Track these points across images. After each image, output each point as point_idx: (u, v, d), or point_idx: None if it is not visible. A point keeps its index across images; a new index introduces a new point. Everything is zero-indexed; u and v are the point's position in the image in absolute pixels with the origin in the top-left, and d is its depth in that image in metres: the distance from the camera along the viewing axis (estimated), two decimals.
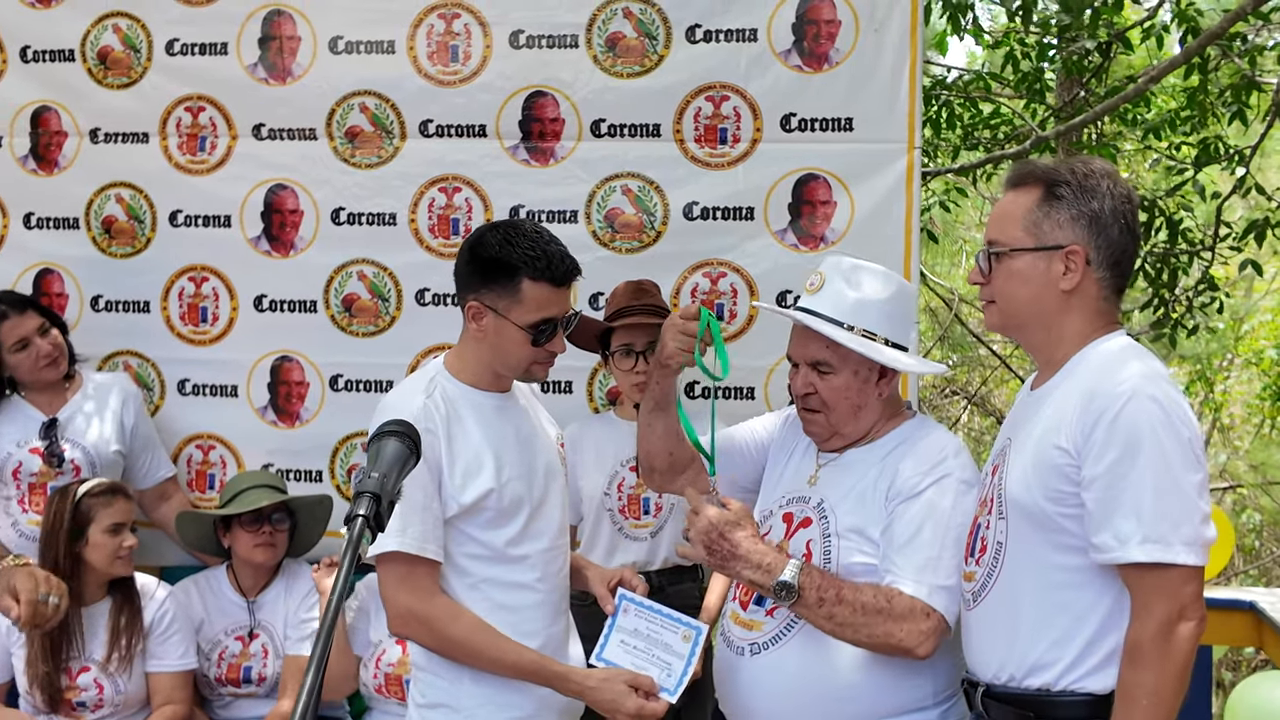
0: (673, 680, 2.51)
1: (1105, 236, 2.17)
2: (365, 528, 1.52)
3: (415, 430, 1.73)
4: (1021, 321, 2.27)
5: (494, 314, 2.48)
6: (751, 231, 3.88)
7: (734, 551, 2.36)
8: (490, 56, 3.96)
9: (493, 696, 2.44)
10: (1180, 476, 2.01)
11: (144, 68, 4.11)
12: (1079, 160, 2.24)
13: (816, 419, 2.50)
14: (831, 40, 3.83)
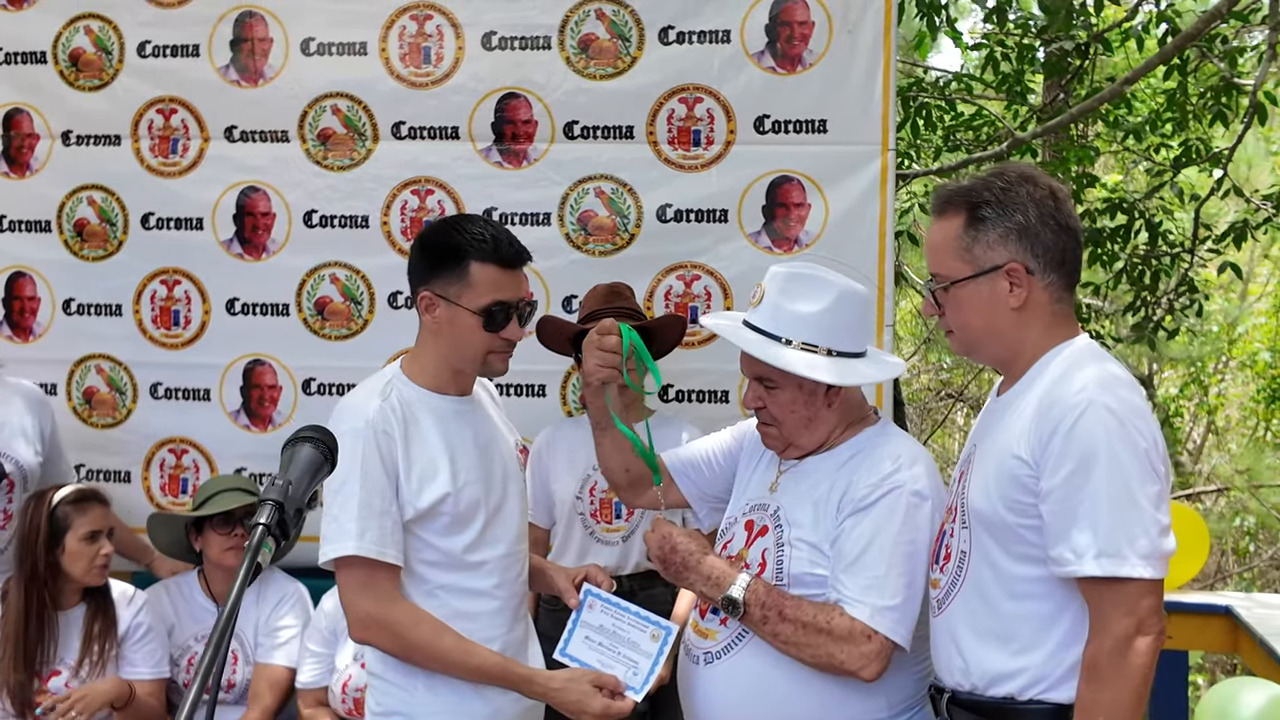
0: (639, 679, 2.49)
1: (1039, 243, 2.14)
2: (265, 536, 1.49)
3: (332, 437, 1.70)
4: (982, 345, 2.26)
5: (446, 302, 2.46)
6: (725, 234, 3.87)
7: (685, 563, 2.38)
8: (463, 58, 3.94)
9: (448, 705, 2.42)
10: (1136, 489, 1.98)
11: (116, 69, 4.10)
12: (995, 172, 2.21)
13: (770, 432, 2.48)
14: (805, 42, 3.82)
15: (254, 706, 3.57)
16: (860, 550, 2.28)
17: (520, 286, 2.52)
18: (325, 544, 2.38)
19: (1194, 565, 4.29)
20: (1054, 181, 2.22)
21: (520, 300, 2.51)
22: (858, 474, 2.34)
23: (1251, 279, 12.93)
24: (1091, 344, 2.20)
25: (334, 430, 2.44)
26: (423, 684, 2.42)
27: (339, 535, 2.35)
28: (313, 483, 1.62)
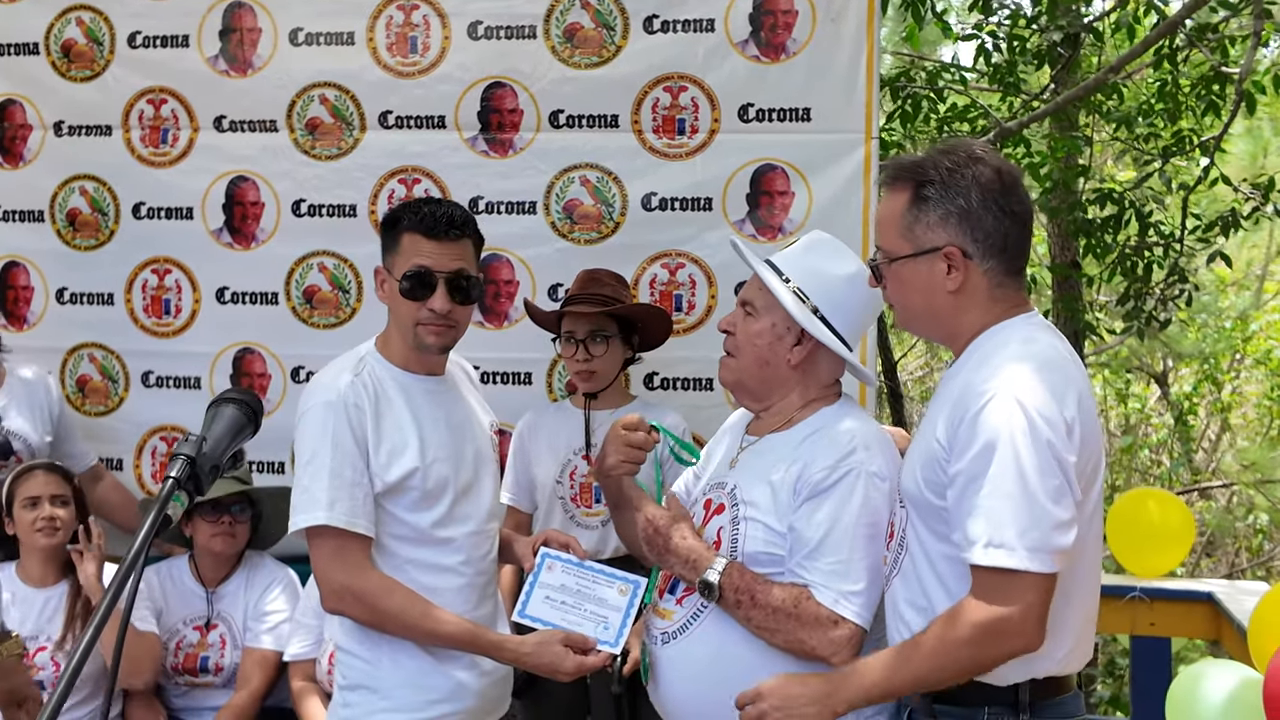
0: (611, 632, 2.50)
1: (980, 229, 2.11)
2: (175, 488, 1.53)
3: (257, 400, 1.74)
4: (920, 324, 2.26)
5: (386, 274, 2.52)
6: (710, 222, 3.89)
7: (667, 546, 2.39)
8: (449, 48, 3.97)
9: (411, 678, 2.45)
10: (1034, 481, 1.96)
11: (106, 60, 4.13)
12: (947, 149, 2.19)
13: (727, 362, 2.50)
14: (789, 30, 3.84)
15: (242, 689, 3.61)
16: (822, 535, 2.29)
17: (448, 257, 2.51)
18: (295, 514, 2.42)
19: (1178, 554, 4.31)
20: (1005, 164, 2.19)
21: (449, 272, 2.50)
22: (815, 454, 2.33)
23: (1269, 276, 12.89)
24: (1027, 323, 2.16)
25: (306, 403, 2.49)
26: (387, 657, 2.46)
27: (310, 505, 2.39)
28: (233, 443, 1.66)
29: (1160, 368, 13.72)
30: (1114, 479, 12.62)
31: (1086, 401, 2.06)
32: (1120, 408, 13.70)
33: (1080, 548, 2.05)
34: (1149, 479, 12.80)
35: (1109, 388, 13.54)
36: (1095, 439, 2.06)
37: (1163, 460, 13.03)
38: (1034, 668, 2.07)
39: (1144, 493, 4.66)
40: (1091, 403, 2.09)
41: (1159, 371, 13.72)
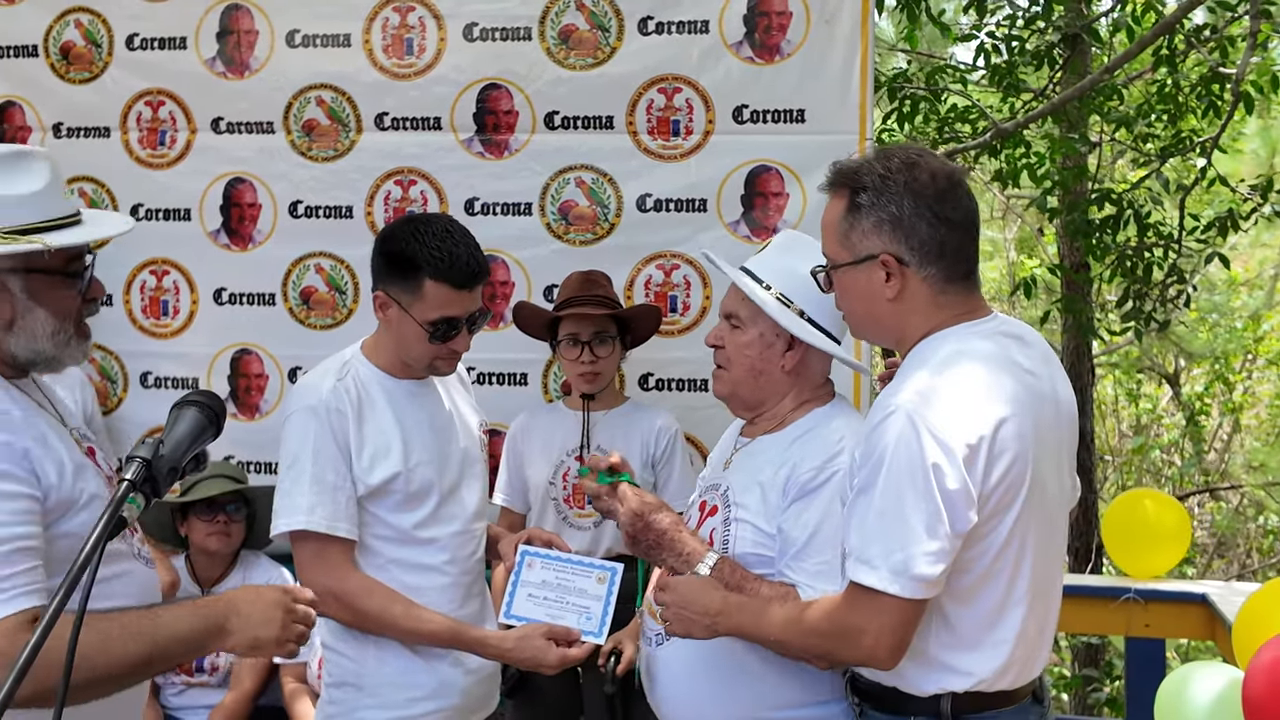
0: (594, 622, 2.52)
1: (914, 236, 2.07)
2: (130, 490, 1.54)
3: (219, 401, 1.75)
4: (867, 330, 2.24)
5: (397, 307, 2.51)
6: (704, 223, 3.89)
7: (659, 540, 2.37)
8: (445, 50, 3.98)
9: (396, 676, 2.47)
10: (909, 505, 1.93)
11: (105, 62, 4.15)
12: (885, 154, 2.14)
13: (720, 375, 2.50)
14: (783, 32, 3.84)
15: (234, 689, 3.63)
16: (809, 536, 2.29)
17: (472, 302, 2.56)
18: (277, 518, 2.44)
19: (1175, 554, 4.29)
20: (945, 167, 2.14)
21: (471, 314, 2.55)
22: (804, 455, 2.34)
23: None
24: (968, 331, 2.10)
25: (289, 408, 2.50)
26: (372, 655, 2.47)
27: (290, 510, 2.41)
28: (193, 445, 1.66)
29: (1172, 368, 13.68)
30: (1124, 480, 12.60)
31: (1015, 414, 1.98)
32: (1131, 408, 13.68)
33: (1008, 564, 2.02)
34: (1160, 480, 12.78)
35: (1120, 388, 13.52)
36: (1023, 452, 1.98)
37: (1174, 461, 13.00)
38: (948, 682, 2.06)
39: (1140, 494, 4.64)
40: (1025, 414, 2.00)
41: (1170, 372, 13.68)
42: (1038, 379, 2.09)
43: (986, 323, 2.13)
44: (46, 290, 1.97)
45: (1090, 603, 4.19)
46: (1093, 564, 8.02)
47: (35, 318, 1.96)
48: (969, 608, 2.04)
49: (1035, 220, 11.98)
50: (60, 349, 2.01)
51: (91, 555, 1.43)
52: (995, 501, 1.98)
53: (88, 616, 1.79)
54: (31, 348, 1.97)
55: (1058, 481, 2.11)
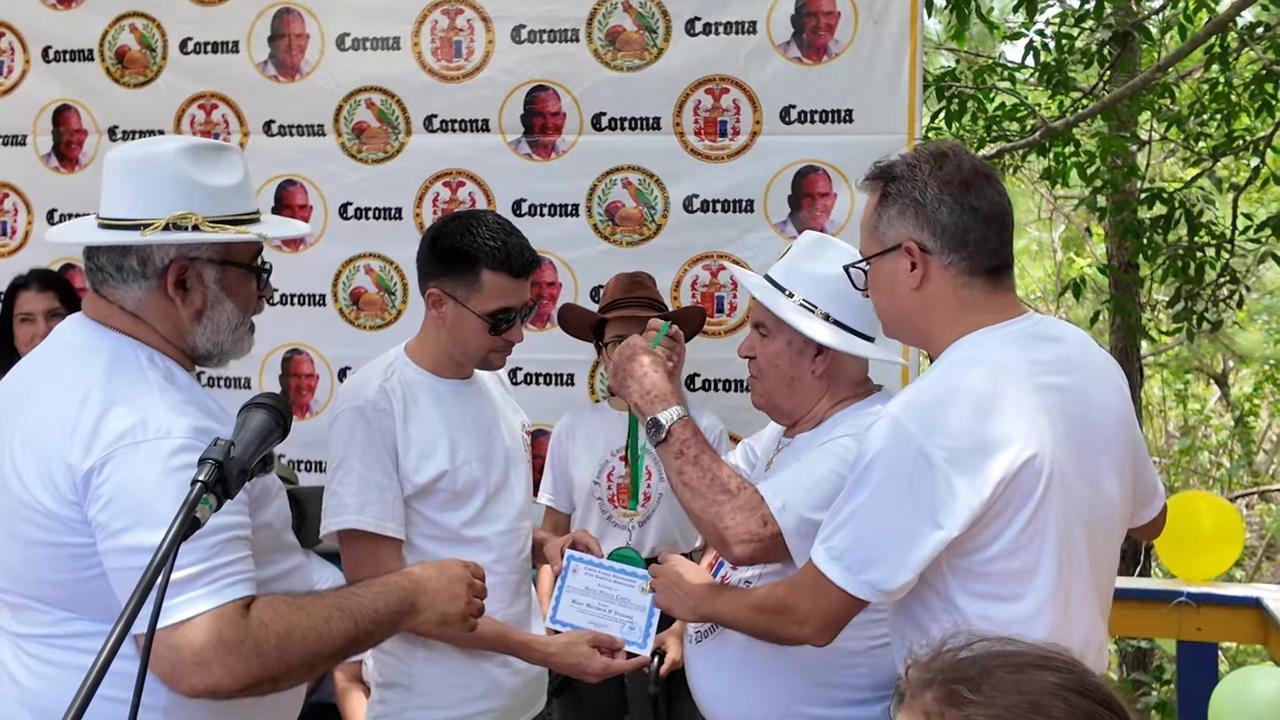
0: (638, 633, 2.52)
1: (935, 222, 2.03)
2: (203, 492, 1.55)
3: (286, 404, 1.77)
4: (897, 328, 2.19)
5: (453, 301, 2.53)
6: (751, 224, 3.89)
7: (633, 373, 2.36)
8: (493, 52, 4.01)
9: (445, 676, 2.48)
10: (883, 508, 1.92)
11: (159, 66, 4.21)
12: (917, 149, 2.13)
13: (755, 385, 2.50)
14: (831, 32, 3.83)
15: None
16: (789, 466, 2.32)
17: (525, 292, 2.59)
18: (326, 517, 2.46)
19: (1227, 558, 4.23)
20: (975, 162, 2.11)
21: (524, 304, 2.59)
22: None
23: None
24: (985, 337, 2.04)
25: (336, 408, 2.53)
26: (421, 655, 2.49)
27: (339, 509, 2.43)
28: (261, 447, 1.68)
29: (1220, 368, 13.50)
30: (1171, 481, 12.44)
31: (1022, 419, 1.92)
32: (1179, 409, 13.51)
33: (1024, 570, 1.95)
34: (1208, 481, 12.61)
35: (1168, 388, 13.35)
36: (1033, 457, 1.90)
37: (1222, 462, 12.84)
38: None
39: (1192, 496, 4.58)
40: (1039, 417, 1.94)
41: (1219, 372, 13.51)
42: (1068, 379, 2.03)
43: (1011, 325, 2.07)
44: (236, 283, 2.00)
45: (1141, 606, 4.14)
46: (1141, 566, 7.94)
47: (223, 310, 1.99)
48: (988, 612, 1.97)
49: (1083, 220, 11.86)
50: (236, 343, 2.05)
51: (168, 556, 1.45)
52: (998, 507, 1.92)
53: (300, 599, 1.86)
54: (214, 339, 2.00)
55: (1089, 487, 2.02)
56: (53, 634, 1.85)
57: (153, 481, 1.75)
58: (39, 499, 1.79)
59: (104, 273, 1.96)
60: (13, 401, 1.95)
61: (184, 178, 1.93)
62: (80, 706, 1.29)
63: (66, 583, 1.81)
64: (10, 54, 4.34)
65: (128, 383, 1.85)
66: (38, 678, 1.85)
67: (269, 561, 1.98)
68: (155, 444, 1.77)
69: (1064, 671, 1.21)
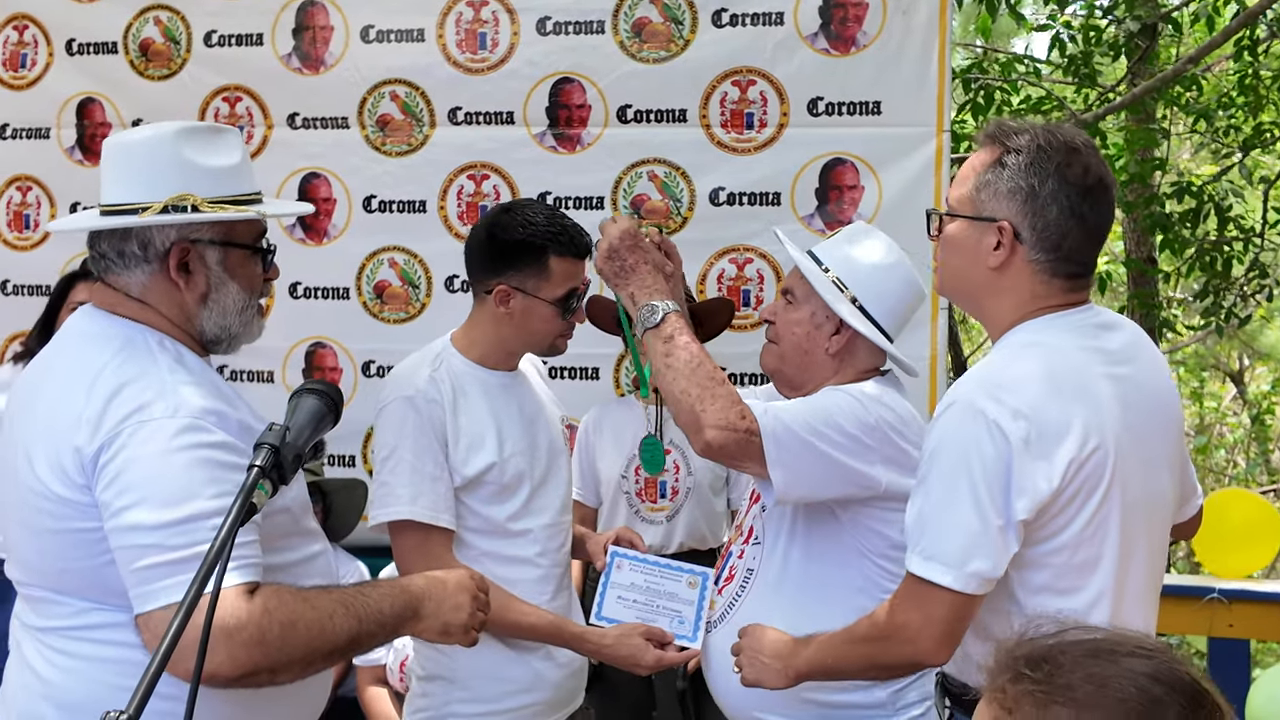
0: (687, 626, 2.51)
1: (1041, 217, 1.99)
2: (260, 477, 1.54)
3: (338, 391, 1.75)
4: (953, 290, 2.18)
5: (522, 294, 2.51)
6: (778, 217, 3.86)
7: (633, 267, 2.35)
8: (518, 44, 3.98)
9: (489, 669, 2.46)
10: (963, 496, 1.88)
11: (183, 59, 4.20)
12: (1050, 129, 2.07)
13: (769, 348, 2.50)
14: (859, 23, 3.80)
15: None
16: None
17: (584, 272, 2.62)
18: (377, 508, 2.43)
19: (1265, 554, 4.20)
20: (1103, 169, 2.05)
21: (586, 284, 2.62)
22: None
23: None
24: (1047, 324, 2.02)
25: (384, 398, 2.51)
26: (463, 649, 2.46)
27: (391, 499, 2.40)
28: (314, 433, 1.66)
29: (1236, 366, 13.42)
30: None
31: (1088, 407, 1.91)
32: (1195, 407, 13.44)
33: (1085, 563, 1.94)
34: (1224, 479, 12.55)
35: (1183, 386, 13.28)
36: (1099, 446, 1.90)
37: (1238, 461, 12.77)
38: None
39: (1229, 493, 4.54)
40: (1103, 406, 1.92)
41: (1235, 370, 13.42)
42: (1128, 370, 2.02)
43: (1075, 314, 2.05)
44: (240, 264, 1.99)
45: (1172, 602, 4.10)
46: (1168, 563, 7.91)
47: (228, 292, 1.97)
48: (1046, 605, 1.95)
49: None
50: (244, 326, 2.03)
51: (227, 542, 1.44)
52: (1067, 495, 1.90)
53: (306, 591, 1.84)
54: (221, 324, 1.98)
55: (1145, 480, 2.00)
56: (72, 626, 1.84)
57: (157, 460, 1.74)
58: (50, 486, 1.78)
59: (107, 260, 1.96)
60: (27, 393, 1.95)
61: (181, 159, 1.92)
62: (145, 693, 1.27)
63: (81, 570, 1.80)
64: (34, 47, 4.33)
65: (136, 366, 1.84)
66: (60, 671, 1.84)
67: (287, 547, 1.97)
68: (161, 423, 1.76)
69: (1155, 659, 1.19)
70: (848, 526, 2.34)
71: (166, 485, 1.72)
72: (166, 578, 1.70)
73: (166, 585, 1.70)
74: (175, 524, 1.71)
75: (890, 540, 2.31)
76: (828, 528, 2.35)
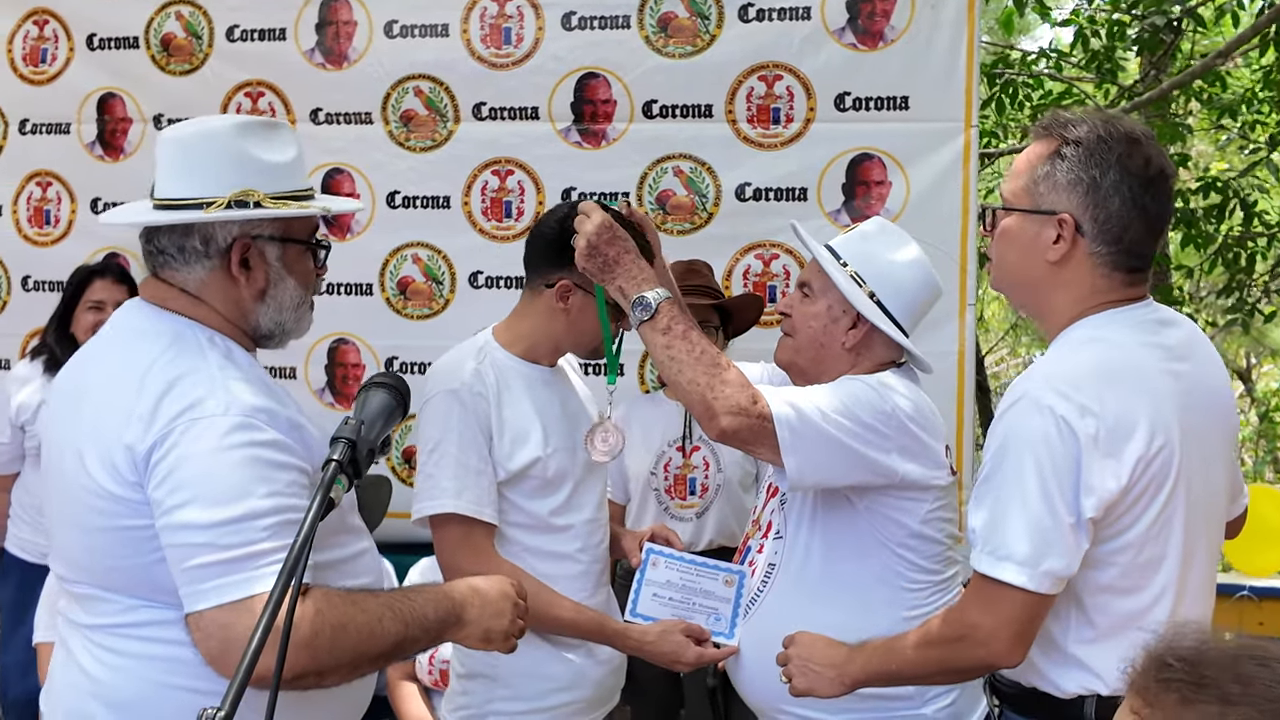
0: (724, 623, 2.48)
1: (1103, 208, 1.96)
2: (338, 471, 1.52)
3: (405, 384, 1.73)
4: (1010, 286, 2.13)
5: (584, 292, 2.48)
6: (804, 213, 3.83)
7: (616, 260, 2.30)
8: (542, 39, 3.96)
9: (531, 667, 2.44)
10: (1033, 493, 1.84)
11: (205, 54, 4.19)
12: (1109, 119, 2.04)
13: (785, 342, 2.48)
14: (886, 18, 3.78)
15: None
16: None
17: None
18: (421, 500, 2.41)
19: None
20: (1163, 159, 2.02)
21: None
22: None
23: None
24: (1109, 319, 1.99)
25: (428, 391, 2.49)
26: None
27: (436, 492, 2.37)
28: (385, 426, 1.65)
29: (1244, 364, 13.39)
30: None
31: (1153, 403, 1.88)
32: None
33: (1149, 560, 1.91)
34: None
35: None
36: (1165, 443, 1.88)
37: (1245, 458, 12.75)
38: (1091, 683, 1.95)
39: (1256, 491, 4.52)
40: (1167, 403, 1.90)
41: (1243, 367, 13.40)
42: (1187, 366, 1.99)
43: (1136, 310, 2.02)
44: (297, 260, 1.97)
45: None
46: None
47: (285, 288, 1.95)
48: (1108, 604, 1.95)
49: None
50: (298, 322, 2.01)
51: (310, 537, 1.42)
52: (1134, 493, 1.88)
53: (355, 594, 1.81)
54: (276, 319, 1.96)
55: (1205, 477, 1.99)
56: (121, 623, 1.81)
57: (208, 458, 1.72)
58: (101, 483, 1.76)
59: (165, 255, 1.92)
60: (74, 390, 1.92)
61: (242, 154, 1.90)
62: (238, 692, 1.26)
63: (131, 568, 1.78)
64: (54, 41, 4.32)
65: (187, 362, 1.82)
66: (109, 669, 1.82)
67: (336, 544, 1.95)
68: (213, 420, 1.74)
69: None
70: (865, 515, 2.33)
71: (219, 484, 1.70)
72: (218, 577, 1.68)
73: (218, 585, 1.68)
74: (228, 523, 1.69)
75: (908, 529, 2.31)
76: (846, 519, 2.34)
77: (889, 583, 2.32)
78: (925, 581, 2.34)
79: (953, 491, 2.43)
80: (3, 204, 4.37)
